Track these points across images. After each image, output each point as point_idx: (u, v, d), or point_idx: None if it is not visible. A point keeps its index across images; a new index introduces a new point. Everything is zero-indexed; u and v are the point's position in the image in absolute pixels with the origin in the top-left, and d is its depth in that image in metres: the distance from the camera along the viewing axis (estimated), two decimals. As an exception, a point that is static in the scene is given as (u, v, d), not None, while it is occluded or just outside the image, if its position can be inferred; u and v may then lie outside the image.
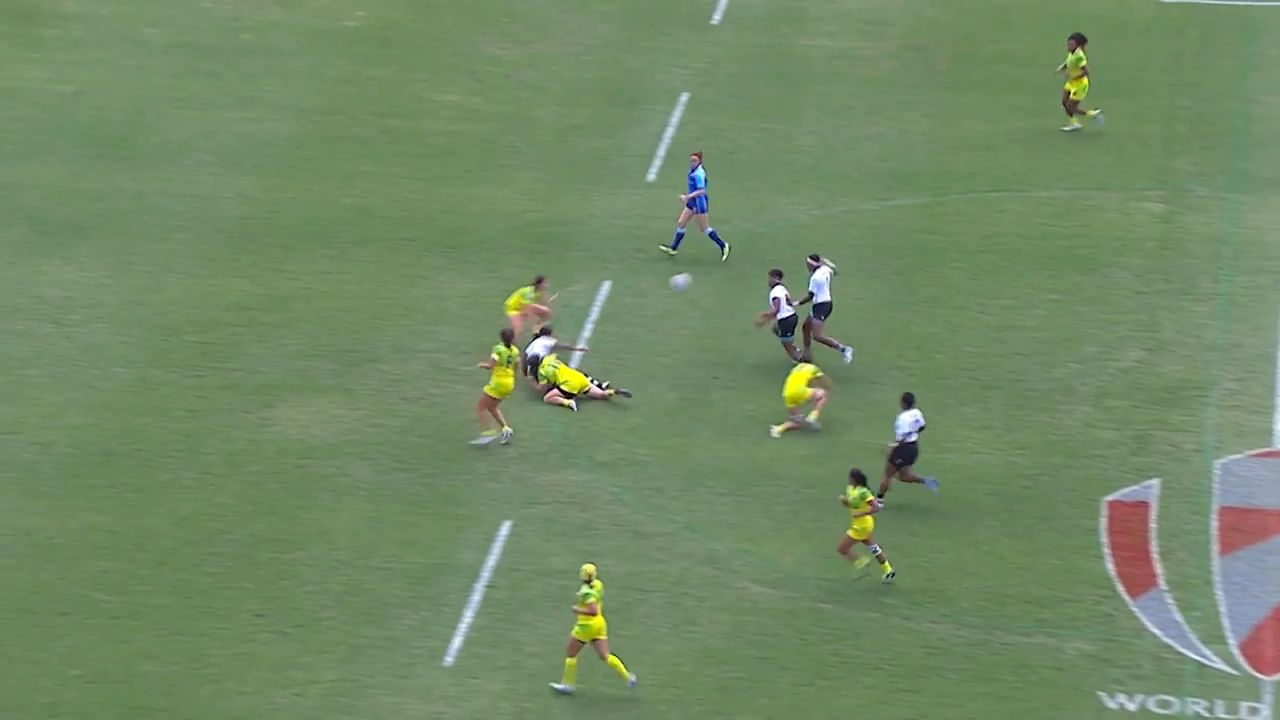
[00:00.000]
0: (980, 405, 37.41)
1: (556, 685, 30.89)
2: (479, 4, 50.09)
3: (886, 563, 32.94)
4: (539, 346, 36.91)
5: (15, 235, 41.19)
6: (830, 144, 45.37)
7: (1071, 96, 45.00)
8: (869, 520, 32.61)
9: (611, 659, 30.90)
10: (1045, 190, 44.08)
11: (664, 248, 40.47)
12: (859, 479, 32.62)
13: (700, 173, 40.22)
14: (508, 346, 35.23)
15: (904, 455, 34.47)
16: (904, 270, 41.28)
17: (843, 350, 37.83)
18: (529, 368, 36.70)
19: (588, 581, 30.75)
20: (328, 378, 37.46)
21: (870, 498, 32.63)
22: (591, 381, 36.78)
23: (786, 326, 37.67)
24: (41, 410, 36.34)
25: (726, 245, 40.51)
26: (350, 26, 49.06)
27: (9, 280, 39.81)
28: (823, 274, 37.79)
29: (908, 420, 34.44)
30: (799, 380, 36.21)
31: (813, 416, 36.21)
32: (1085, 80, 44.76)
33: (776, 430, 36.13)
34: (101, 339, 38.23)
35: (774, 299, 37.59)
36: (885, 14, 50.42)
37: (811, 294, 37.81)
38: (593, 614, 30.64)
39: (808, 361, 37.00)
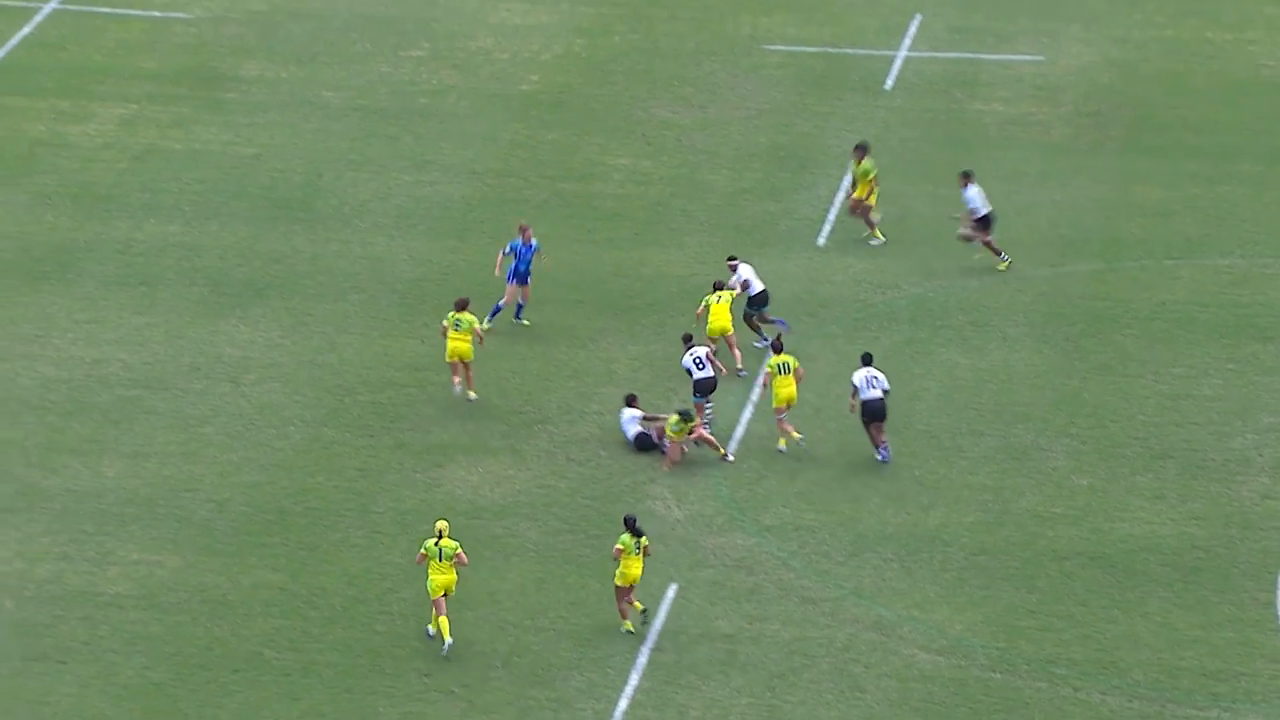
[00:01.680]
0: (1154, 475, 36.96)
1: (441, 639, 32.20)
2: (651, 69, 50.41)
3: (634, 612, 32.84)
4: (628, 419, 37.05)
5: (195, 295, 41.88)
6: (1002, 209, 45.12)
7: (865, 201, 42.84)
8: (635, 568, 32.56)
9: (441, 620, 32.05)
10: (1221, 258, 43.56)
11: (521, 321, 40.30)
12: (631, 525, 32.71)
13: (536, 243, 40.06)
14: (458, 312, 37.95)
15: (869, 414, 36.44)
16: (1075, 337, 40.94)
17: (781, 323, 39.30)
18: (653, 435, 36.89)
19: (436, 536, 32.15)
20: (497, 439, 37.71)
21: (622, 544, 32.66)
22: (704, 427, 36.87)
23: (700, 389, 37.28)
24: (217, 468, 36.87)
25: (492, 323, 40.14)
26: (525, 90, 49.55)
27: (188, 340, 40.47)
28: (745, 269, 39.51)
29: (858, 377, 36.38)
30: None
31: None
32: (877, 190, 42.84)
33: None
34: (276, 398, 38.74)
35: (685, 368, 37.42)
36: (1059, 80, 50.17)
37: (747, 283, 39.30)
38: (419, 562, 32.32)
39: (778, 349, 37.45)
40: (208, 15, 52.06)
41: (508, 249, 40.20)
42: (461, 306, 38.25)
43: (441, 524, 32.61)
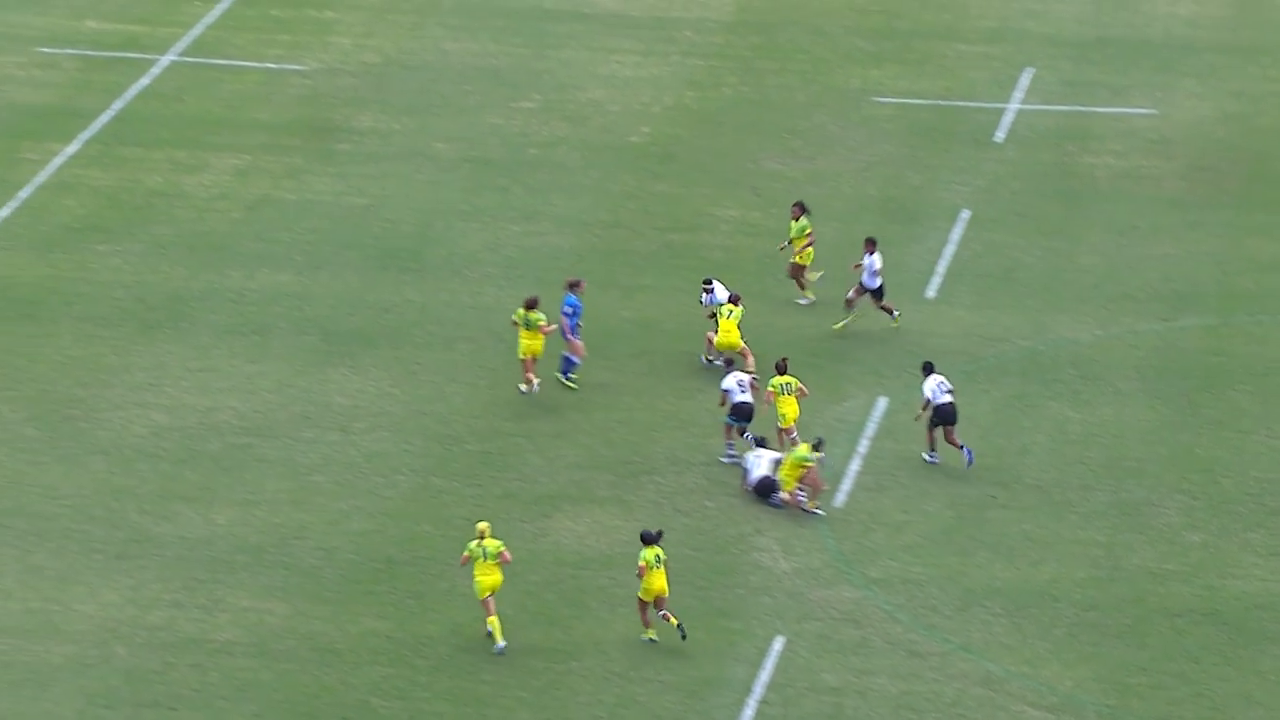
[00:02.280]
0: (1267, 531, 36.55)
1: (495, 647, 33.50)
2: (761, 120, 50.48)
3: (674, 619, 33.53)
4: (759, 464, 37.12)
5: (306, 344, 42.21)
6: (1114, 263, 44.87)
7: (798, 264, 42.43)
8: (654, 581, 33.23)
9: (491, 620, 32.80)
10: (1337, 312, 43.11)
11: (567, 381, 40.01)
12: (647, 540, 33.51)
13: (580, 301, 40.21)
14: (528, 310, 39.33)
15: (939, 417, 37.24)
16: (1189, 392, 40.59)
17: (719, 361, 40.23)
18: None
19: (479, 538, 33.15)
20: (604, 489, 37.76)
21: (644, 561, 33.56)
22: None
23: (740, 414, 37.91)
24: (327, 516, 37.09)
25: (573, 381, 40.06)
26: (635, 142, 49.72)
27: (298, 388, 40.78)
28: (720, 292, 40.68)
29: (928, 387, 37.46)
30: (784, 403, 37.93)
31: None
32: (811, 250, 42.48)
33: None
34: (385, 447, 38.95)
35: (724, 390, 38.09)
36: (1173, 133, 49.86)
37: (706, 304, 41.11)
38: (464, 563, 33.46)
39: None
40: (322, 67, 52.59)
41: (566, 307, 40.12)
42: (531, 305, 39.46)
43: (482, 525, 33.71)
